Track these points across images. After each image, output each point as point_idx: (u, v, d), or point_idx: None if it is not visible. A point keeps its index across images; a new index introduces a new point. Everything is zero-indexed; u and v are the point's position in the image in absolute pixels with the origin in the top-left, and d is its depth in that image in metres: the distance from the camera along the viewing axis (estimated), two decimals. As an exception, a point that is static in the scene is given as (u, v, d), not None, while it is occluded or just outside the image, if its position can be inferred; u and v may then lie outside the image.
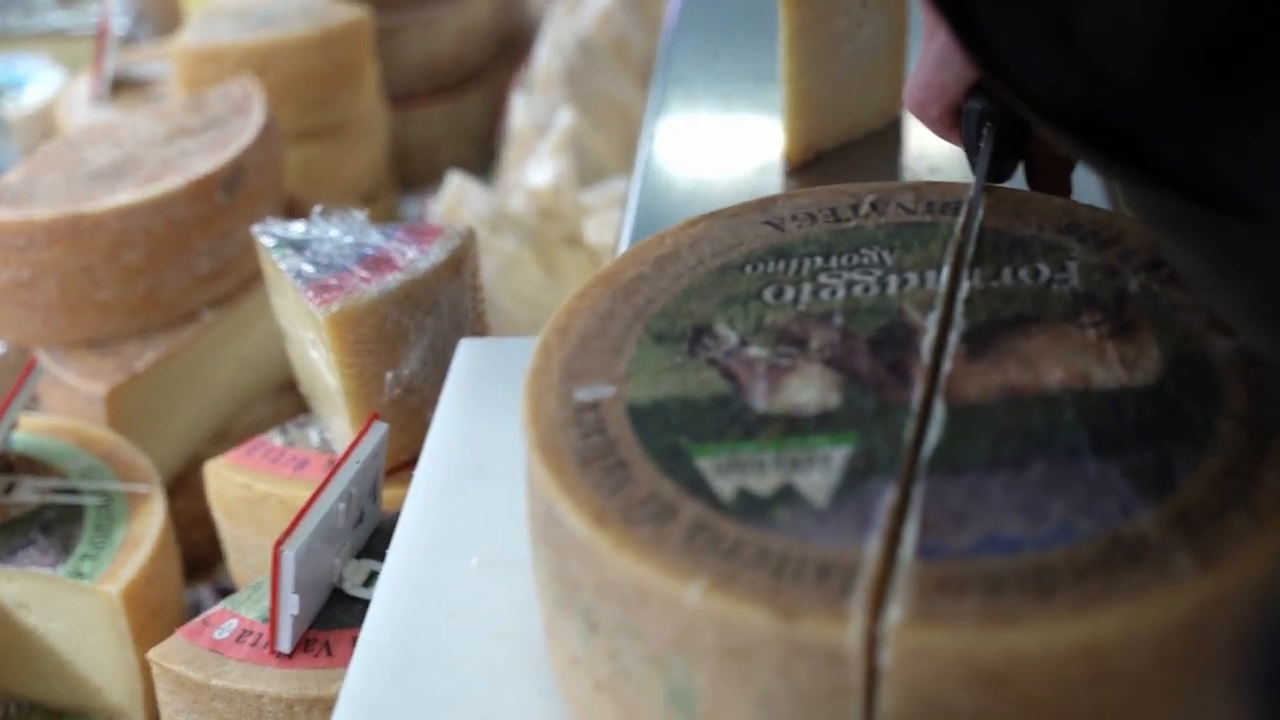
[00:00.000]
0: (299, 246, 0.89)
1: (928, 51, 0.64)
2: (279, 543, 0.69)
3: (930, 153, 0.89)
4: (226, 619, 0.76)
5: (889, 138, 0.93)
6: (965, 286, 0.52)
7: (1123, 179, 0.41)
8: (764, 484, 0.44)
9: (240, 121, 1.18)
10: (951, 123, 0.63)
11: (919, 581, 0.39)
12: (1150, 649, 0.38)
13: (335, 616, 0.74)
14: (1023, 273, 0.52)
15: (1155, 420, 0.44)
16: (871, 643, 0.39)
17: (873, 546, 0.41)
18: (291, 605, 0.71)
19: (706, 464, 0.45)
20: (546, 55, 1.45)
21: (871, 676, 0.39)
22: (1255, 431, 0.43)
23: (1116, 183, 0.44)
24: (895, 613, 0.38)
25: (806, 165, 0.90)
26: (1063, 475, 0.42)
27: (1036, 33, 0.39)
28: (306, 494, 0.81)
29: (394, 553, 0.61)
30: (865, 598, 0.39)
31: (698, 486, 0.44)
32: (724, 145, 0.97)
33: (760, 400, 0.47)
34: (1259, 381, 0.45)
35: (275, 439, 0.95)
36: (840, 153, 0.91)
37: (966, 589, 0.39)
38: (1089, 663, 0.38)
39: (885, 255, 0.54)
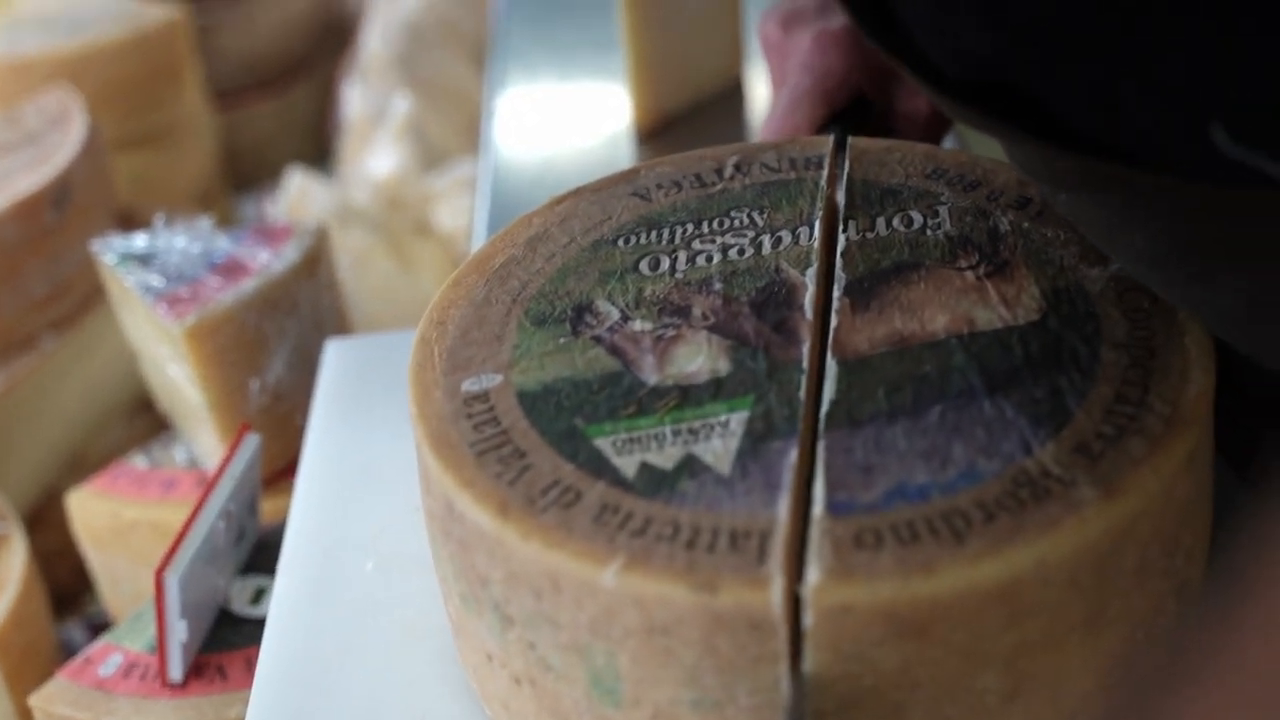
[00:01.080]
0: (144, 260, 0.86)
1: (778, 99, 0.66)
2: (160, 569, 0.67)
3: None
4: (110, 654, 0.73)
5: (733, 98, 0.94)
6: (841, 240, 0.52)
7: (1024, 143, 0.43)
8: (666, 457, 0.43)
9: (60, 135, 1.14)
10: None
11: (833, 539, 0.39)
12: (1063, 580, 0.39)
13: (225, 638, 0.72)
14: (896, 221, 0.52)
15: (1042, 355, 0.45)
16: (793, 605, 0.39)
17: (783, 509, 0.41)
18: (179, 632, 0.68)
19: (605, 443, 0.44)
20: (375, 41, 1.42)
21: (796, 639, 0.39)
22: (1137, 356, 0.44)
23: (1014, 148, 0.45)
24: (813, 573, 0.38)
25: (656, 133, 0.90)
26: (960, 417, 0.43)
27: (940, 7, 0.41)
28: (178, 516, 0.79)
29: (285, 566, 0.59)
30: (782, 561, 0.39)
31: (600, 467, 0.43)
32: (570, 118, 0.96)
33: (651, 374, 0.47)
34: (1134, 306, 0.46)
35: (139, 462, 0.91)
36: (688, 118, 0.92)
37: (881, 542, 0.39)
38: (1006, 602, 0.38)
39: (755, 216, 0.54)
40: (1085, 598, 0.39)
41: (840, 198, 0.54)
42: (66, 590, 1.07)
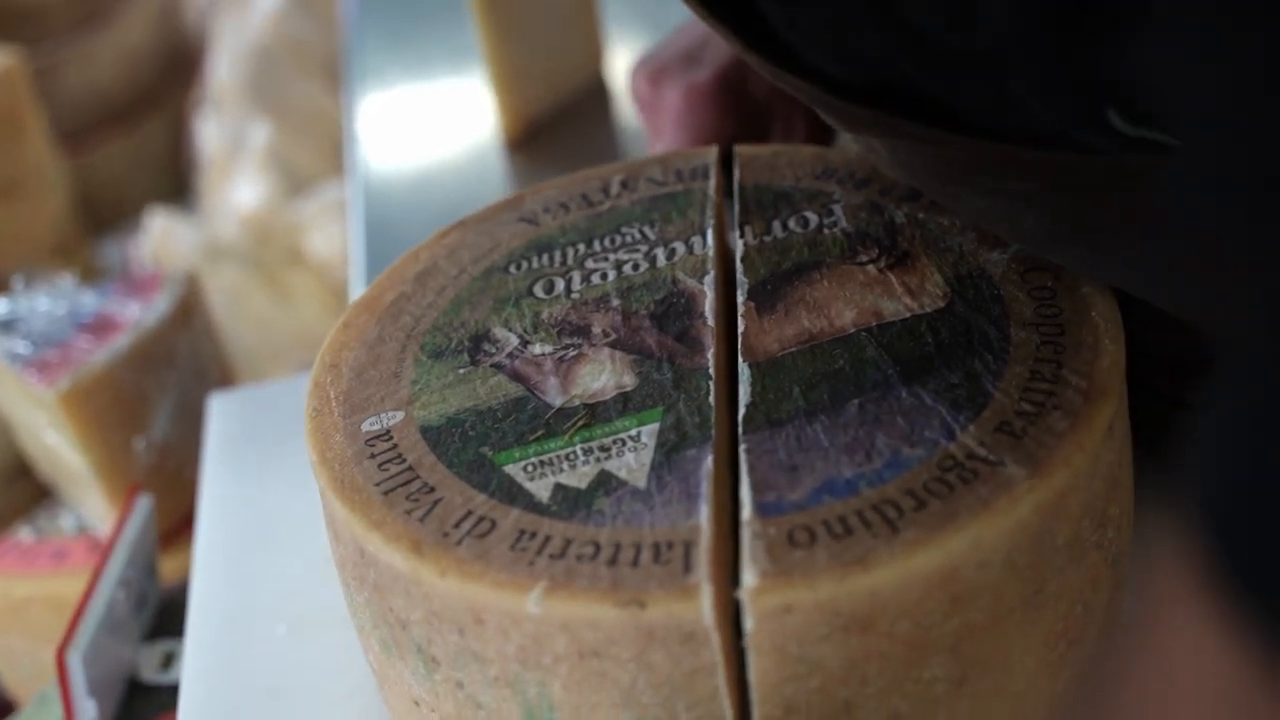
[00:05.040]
0: (6, 326, 0.83)
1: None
2: (61, 648, 0.64)
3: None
4: (16, 739, 0.70)
5: (598, 98, 0.93)
6: (739, 245, 0.51)
7: (919, 138, 0.43)
8: (579, 477, 0.42)
9: (-98, 200, 1.09)
10: None
11: (766, 541, 0.39)
12: (999, 561, 0.39)
13: (138, 710, 0.69)
14: (792, 223, 0.52)
15: (953, 340, 0.45)
16: (725, 613, 0.38)
17: (704, 516, 0.40)
18: (88, 711, 0.66)
19: (516, 469, 0.43)
20: (223, 70, 1.38)
21: (736, 645, 0.38)
22: (1047, 333, 0.45)
23: (900, 148, 0.46)
24: (750, 576, 0.38)
25: (525, 140, 0.89)
26: (879, 409, 0.42)
27: (832, 10, 0.42)
28: (72, 587, 0.76)
29: (192, 638, 0.57)
30: (709, 569, 0.38)
31: (512, 493, 0.42)
32: (436, 131, 0.94)
33: (556, 395, 0.46)
34: (1038, 286, 0.47)
35: (25, 534, 0.88)
36: (555, 121, 0.90)
37: (815, 539, 0.38)
38: (945, 588, 0.38)
39: (647, 230, 0.53)
40: (1022, 577, 0.39)
41: (734, 204, 0.54)
42: (-39, 672, 1.02)
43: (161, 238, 1.18)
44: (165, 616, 0.72)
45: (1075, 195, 0.41)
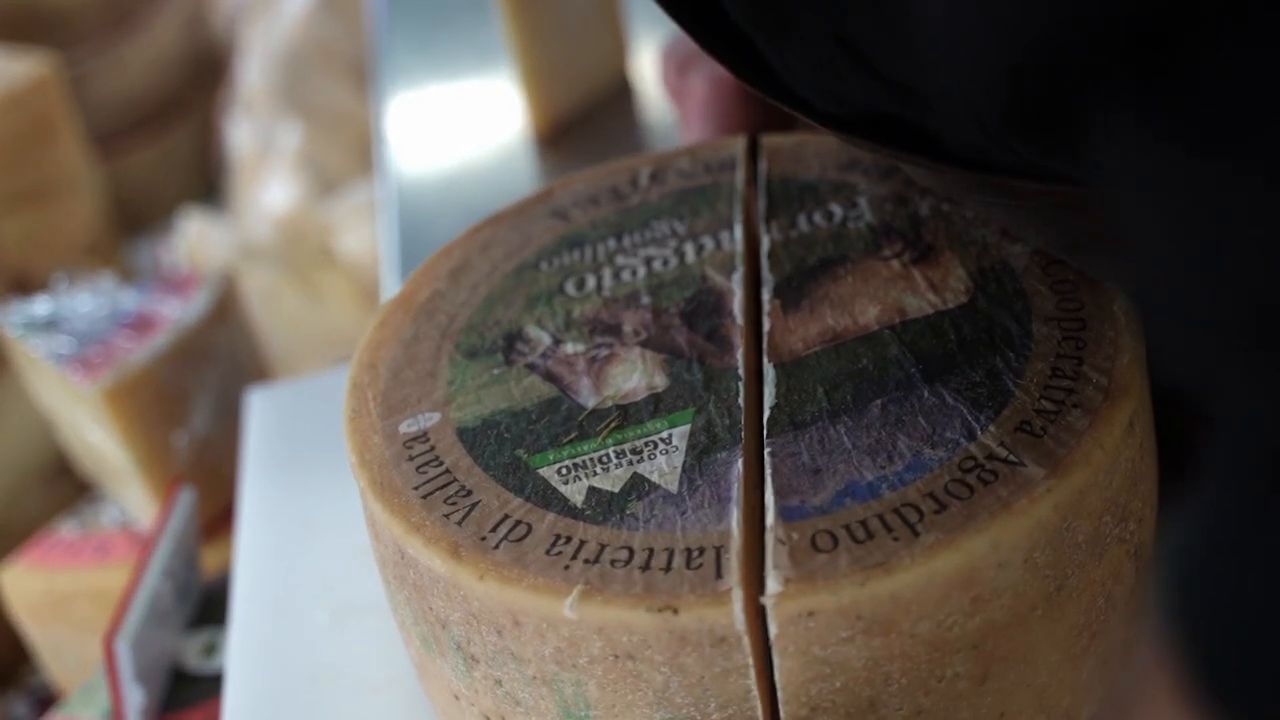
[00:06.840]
0: (49, 325, 0.84)
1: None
2: (109, 636, 0.66)
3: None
4: (64, 729, 0.72)
5: (625, 96, 0.94)
6: (765, 241, 0.51)
7: (912, 164, 0.44)
8: (612, 480, 0.43)
9: (-58, 202, 1.11)
10: None
11: (789, 546, 0.39)
12: (1019, 561, 0.39)
13: (183, 697, 0.71)
14: (817, 216, 0.52)
15: (975, 337, 0.45)
16: (755, 616, 0.39)
17: (734, 521, 0.41)
18: (134, 697, 0.68)
19: (550, 472, 0.44)
20: (253, 74, 1.40)
21: (765, 646, 0.39)
22: (1068, 328, 0.45)
23: (904, 167, 0.46)
24: (773, 583, 0.39)
25: (554, 137, 0.90)
26: (901, 409, 0.43)
27: (814, 63, 0.43)
28: (116, 580, 0.78)
29: (235, 628, 0.58)
30: (740, 574, 0.39)
31: (548, 497, 0.43)
32: (465, 130, 0.95)
33: (588, 396, 0.47)
34: (1060, 279, 0.47)
35: (68, 529, 0.90)
36: (584, 120, 0.91)
37: (837, 543, 0.39)
38: (966, 589, 0.39)
39: (676, 225, 0.53)
40: (1043, 575, 0.40)
41: (759, 198, 0.54)
42: (5, 663, 1.05)
43: (196, 239, 1.20)
44: (207, 607, 0.74)
45: (1062, 215, 0.42)
